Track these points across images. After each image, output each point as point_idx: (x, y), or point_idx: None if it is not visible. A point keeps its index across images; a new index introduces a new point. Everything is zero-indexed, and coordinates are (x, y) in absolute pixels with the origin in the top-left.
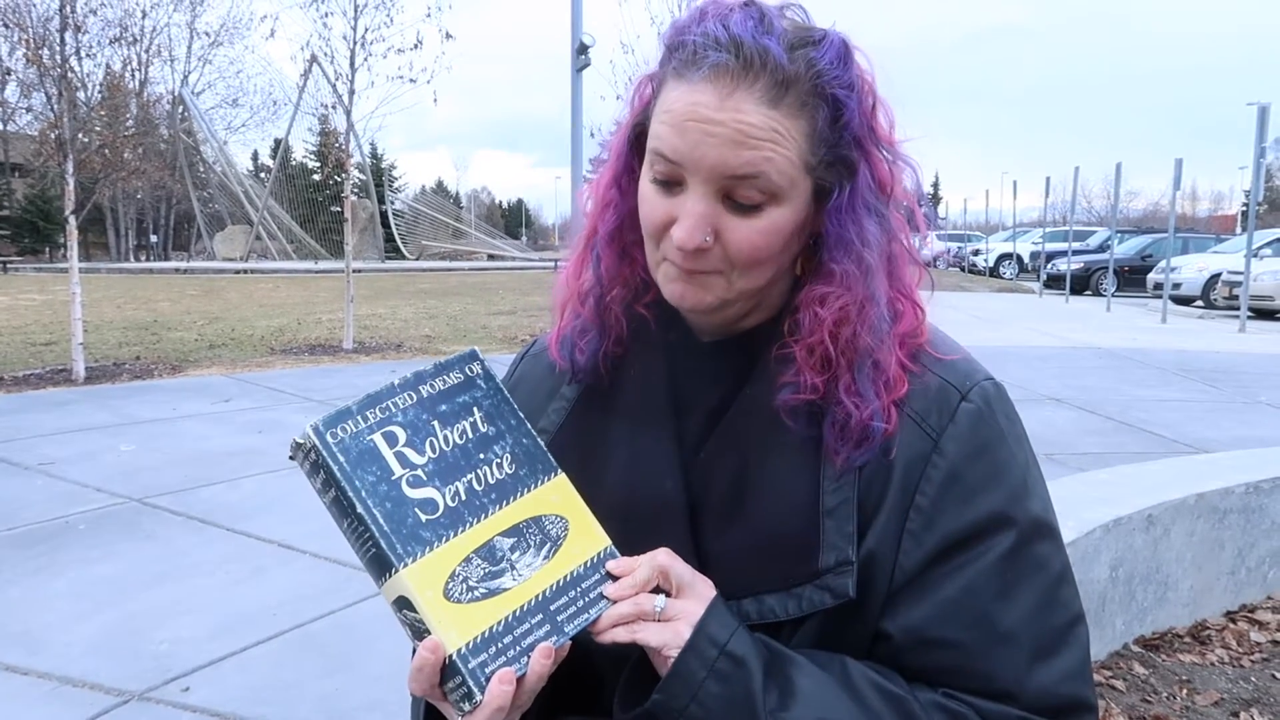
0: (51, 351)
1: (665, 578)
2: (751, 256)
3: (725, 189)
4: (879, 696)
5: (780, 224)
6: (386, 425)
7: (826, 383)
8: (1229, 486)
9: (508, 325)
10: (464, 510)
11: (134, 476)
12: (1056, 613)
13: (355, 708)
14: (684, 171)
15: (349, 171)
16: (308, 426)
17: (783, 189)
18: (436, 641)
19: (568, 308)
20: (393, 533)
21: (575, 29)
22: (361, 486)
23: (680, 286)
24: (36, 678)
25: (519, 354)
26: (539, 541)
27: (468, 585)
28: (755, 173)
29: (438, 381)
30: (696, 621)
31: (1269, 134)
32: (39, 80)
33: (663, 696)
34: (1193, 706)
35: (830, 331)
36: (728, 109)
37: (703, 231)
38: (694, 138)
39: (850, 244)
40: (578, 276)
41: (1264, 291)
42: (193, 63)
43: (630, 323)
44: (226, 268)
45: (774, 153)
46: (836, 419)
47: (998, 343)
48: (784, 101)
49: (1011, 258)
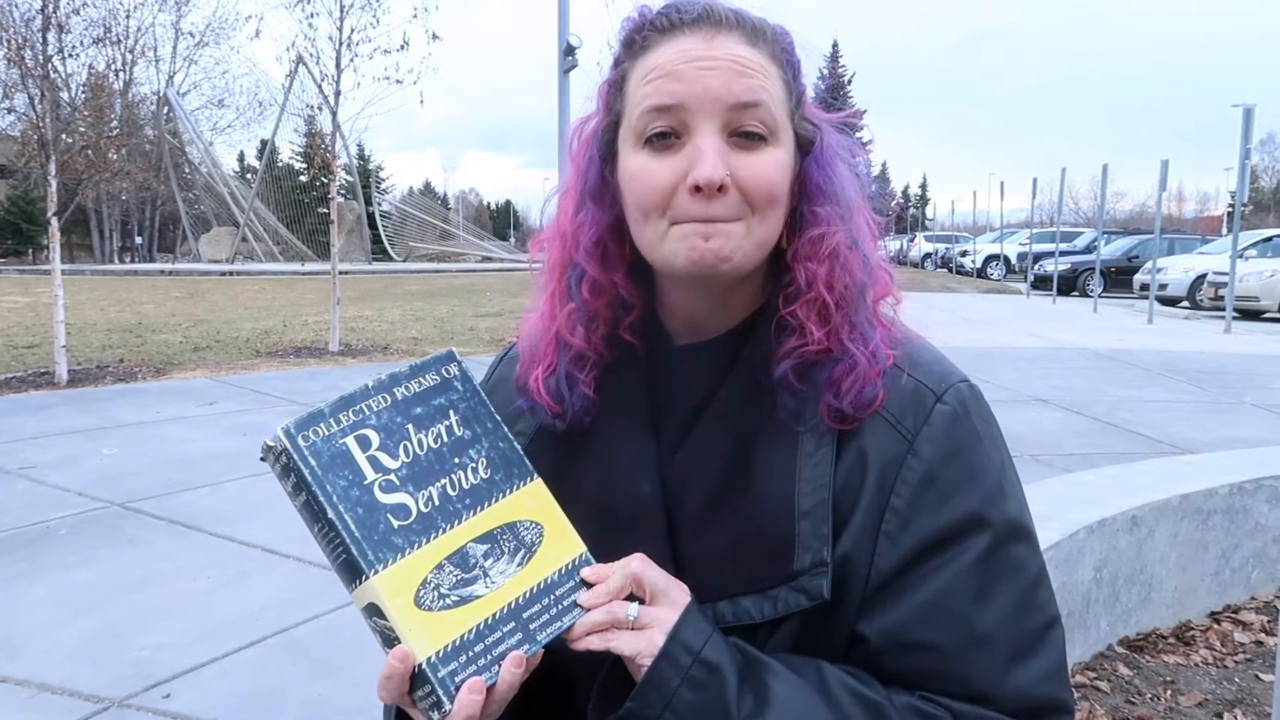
0: (34, 354)
1: (639, 585)
2: (769, 191)
3: (730, 123)
4: (854, 702)
5: (783, 161)
6: (360, 428)
7: (829, 334)
8: (1213, 488)
9: (495, 327)
10: (437, 516)
11: (116, 481)
12: (1032, 615)
13: (339, 712)
14: (686, 113)
15: (335, 173)
16: (279, 429)
17: (778, 125)
18: (405, 651)
19: (548, 349)
20: (364, 539)
21: (562, 30)
22: (333, 491)
23: (699, 243)
24: (15, 685)
25: (497, 357)
26: (513, 548)
27: (439, 593)
28: (757, 100)
29: (413, 384)
30: (670, 629)
31: (1254, 135)
32: (21, 81)
33: (636, 704)
34: (1176, 707)
35: (825, 282)
36: (717, 46)
37: (722, 165)
38: (692, 74)
39: (830, 186)
40: (553, 315)
41: (1249, 292)
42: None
43: (616, 347)
44: (212, 269)
45: (766, 84)
46: (836, 373)
47: (985, 344)
48: (761, 47)
49: (999, 259)
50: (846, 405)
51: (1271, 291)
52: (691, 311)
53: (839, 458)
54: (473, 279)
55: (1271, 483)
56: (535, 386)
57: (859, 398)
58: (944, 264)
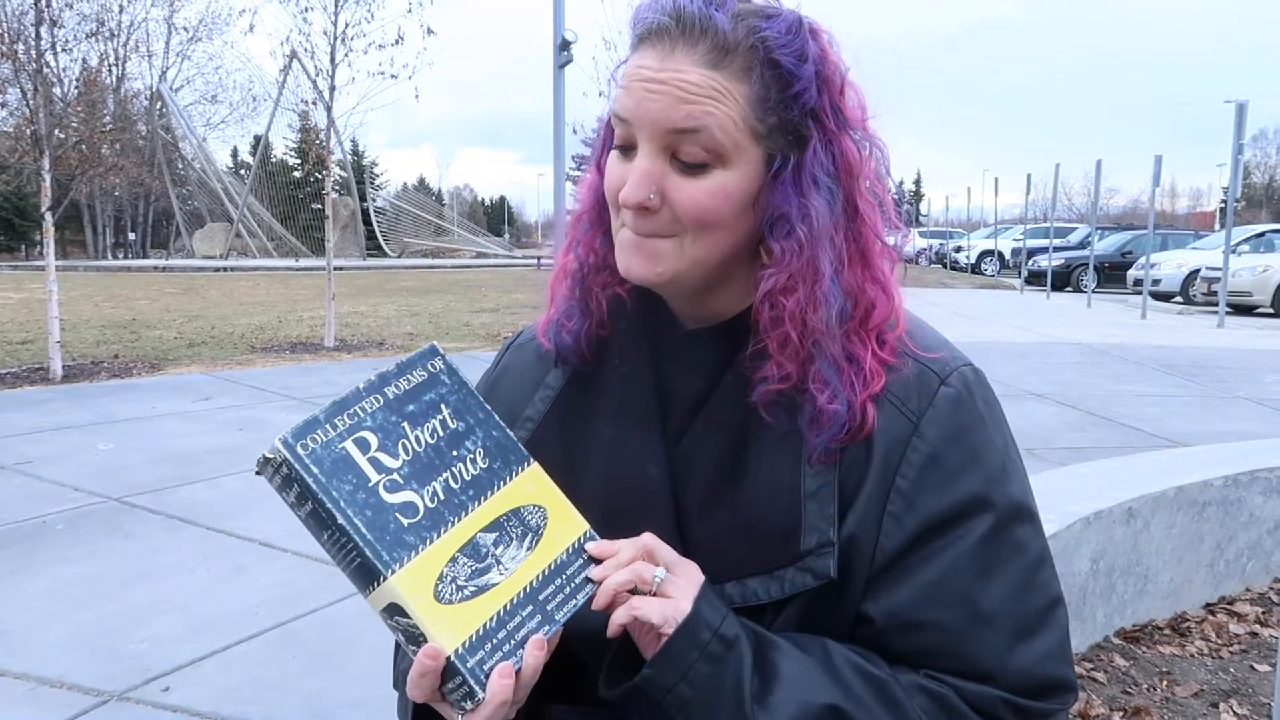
0: (28, 350)
1: (651, 556)
2: (698, 217)
3: (670, 146)
4: (860, 679)
5: (727, 187)
6: (357, 431)
7: (800, 368)
8: (1208, 480)
9: (490, 323)
10: (444, 510)
11: (112, 475)
12: (1036, 594)
13: (338, 706)
14: (634, 129)
15: (330, 168)
16: (276, 440)
17: (726, 149)
18: (436, 648)
19: (557, 294)
20: (376, 541)
21: (557, 25)
22: (340, 497)
23: (629, 257)
24: (13, 679)
25: (505, 344)
26: (520, 533)
27: (457, 585)
28: (696, 126)
29: (402, 381)
30: (694, 600)
31: (1247, 131)
32: (14, 76)
33: (653, 672)
34: (1173, 698)
35: (791, 315)
36: (667, 69)
37: (645, 188)
38: (639, 94)
39: (788, 219)
40: (565, 259)
41: (1242, 287)
42: (171, 58)
43: (612, 305)
44: (206, 265)
45: (715, 109)
46: (805, 409)
47: (980, 339)
48: (725, 64)
49: (993, 254)
50: (833, 443)
51: (1264, 287)
52: (674, 304)
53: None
54: (467, 275)
55: (1266, 475)
56: (538, 328)
57: (821, 455)
58: (938, 260)
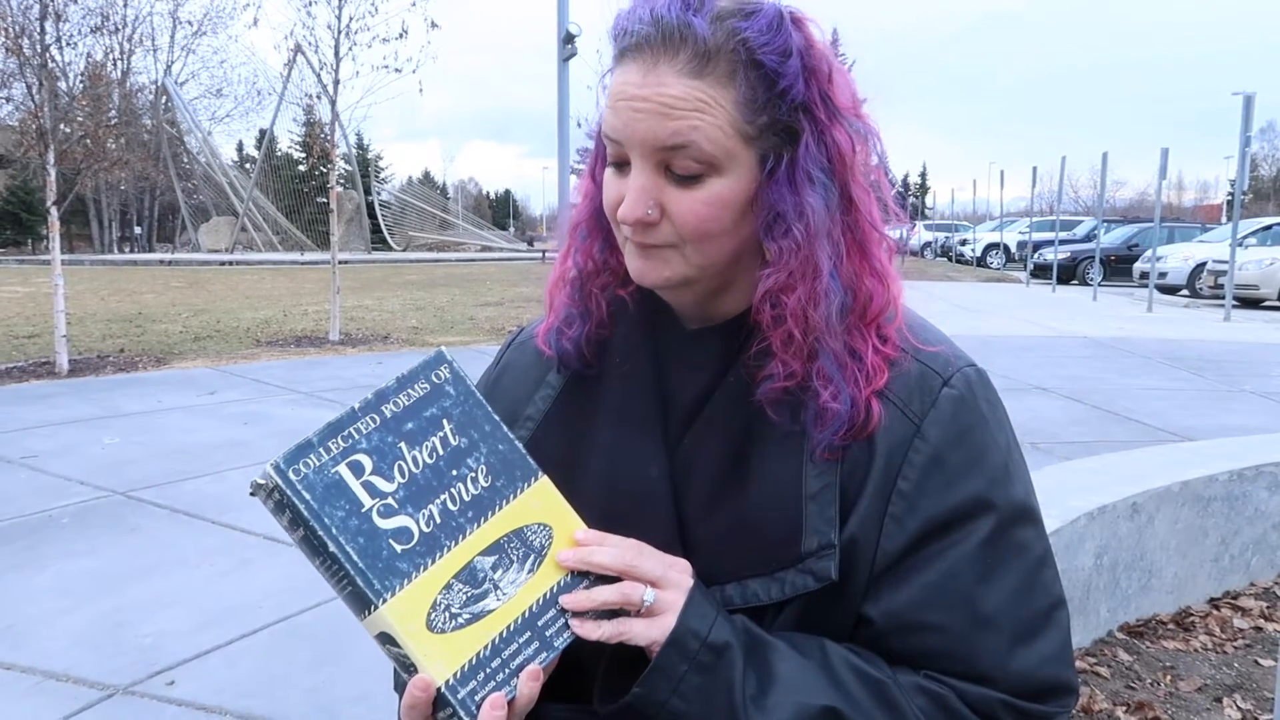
0: (34, 344)
1: (639, 559)
2: (697, 228)
3: (663, 161)
4: (858, 680)
5: (723, 195)
6: (351, 454)
7: (804, 365)
8: (1213, 474)
9: (495, 316)
10: (440, 534)
11: (118, 469)
12: (1037, 596)
13: (343, 700)
14: (626, 148)
15: (334, 162)
16: (268, 465)
17: (718, 159)
18: (426, 680)
19: (556, 300)
20: (368, 569)
21: (562, 19)
22: (331, 524)
23: (639, 263)
24: (20, 672)
25: (506, 341)
26: (521, 555)
27: (450, 613)
28: (684, 142)
29: (401, 397)
30: (679, 613)
31: (1254, 124)
32: (19, 70)
33: (644, 690)
34: (1176, 693)
35: (793, 313)
36: (650, 84)
37: (643, 204)
38: (625, 115)
39: (783, 218)
40: (563, 266)
41: (1249, 280)
42: (176, 52)
43: (613, 307)
44: (211, 259)
45: (701, 121)
46: (809, 406)
47: (985, 332)
48: (708, 72)
49: (999, 247)
50: (837, 440)
51: (1271, 280)
52: (680, 306)
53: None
54: (472, 268)
55: (1271, 469)
56: (537, 335)
57: (825, 452)
58: (944, 253)
